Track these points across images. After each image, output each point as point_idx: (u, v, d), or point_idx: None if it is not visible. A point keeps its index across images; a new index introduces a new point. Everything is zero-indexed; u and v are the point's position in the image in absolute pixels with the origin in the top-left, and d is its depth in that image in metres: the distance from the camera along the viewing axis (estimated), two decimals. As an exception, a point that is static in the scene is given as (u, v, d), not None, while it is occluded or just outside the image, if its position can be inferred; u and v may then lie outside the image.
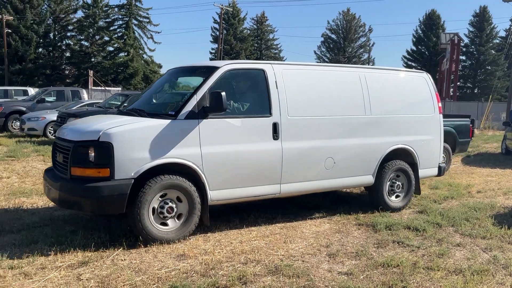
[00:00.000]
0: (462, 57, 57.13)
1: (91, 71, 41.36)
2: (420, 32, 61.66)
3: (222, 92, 5.36)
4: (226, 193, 5.78)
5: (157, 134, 5.28)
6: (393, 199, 7.31)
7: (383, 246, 5.57)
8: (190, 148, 5.45)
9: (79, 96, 21.24)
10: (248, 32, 63.41)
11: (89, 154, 5.10)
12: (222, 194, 5.74)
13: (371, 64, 60.07)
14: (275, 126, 6.01)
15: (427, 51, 60.47)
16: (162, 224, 5.44)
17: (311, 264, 4.94)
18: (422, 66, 58.62)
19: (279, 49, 66.93)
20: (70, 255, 4.97)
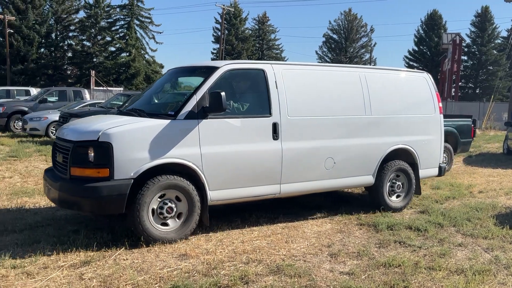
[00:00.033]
0: (464, 57, 57.04)
1: (93, 71, 41.36)
2: (422, 32, 61.56)
3: (221, 92, 5.36)
4: (226, 193, 5.77)
5: (156, 134, 5.28)
6: (393, 199, 7.31)
7: (385, 246, 5.58)
8: (190, 148, 5.45)
9: (81, 96, 21.29)
10: (250, 32, 63.37)
11: (88, 154, 5.10)
12: (222, 194, 5.74)
13: (372, 64, 60.06)
14: (275, 126, 6.01)
15: (429, 51, 60.39)
16: (163, 224, 5.44)
17: (312, 264, 4.95)
18: (423, 66, 58.53)
19: (281, 49, 66.94)
20: (73, 254, 4.99)
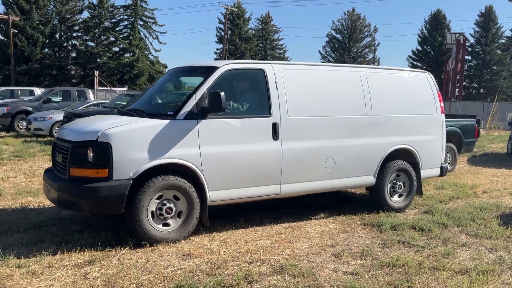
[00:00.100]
0: (468, 57, 56.90)
1: (97, 72, 41.46)
2: (426, 32, 61.44)
3: (221, 92, 5.35)
4: (226, 193, 5.76)
5: (156, 135, 5.26)
6: (394, 200, 7.27)
7: (389, 246, 5.57)
8: (189, 148, 5.43)
9: (85, 96, 21.34)
10: (253, 32, 63.38)
11: (87, 154, 5.09)
12: (222, 195, 5.72)
13: (376, 64, 59.93)
14: (274, 126, 5.99)
15: (433, 51, 60.26)
16: (164, 225, 5.44)
17: (316, 264, 4.95)
18: (427, 66, 58.44)
19: (284, 49, 66.90)
20: (77, 254, 5.01)
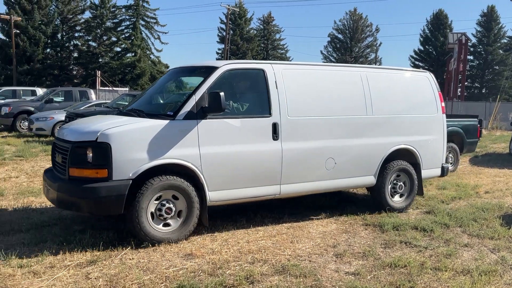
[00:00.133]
0: (470, 57, 56.82)
1: (99, 72, 41.57)
2: (428, 31, 61.39)
3: (220, 93, 5.34)
4: (225, 194, 5.74)
5: (155, 135, 5.25)
6: (395, 200, 7.24)
7: (391, 246, 5.57)
8: (189, 148, 5.42)
9: (87, 97, 21.37)
10: (255, 32, 63.41)
11: (87, 154, 5.09)
12: (221, 195, 5.71)
13: (378, 64, 59.91)
14: (274, 127, 5.97)
15: (435, 51, 60.19)
16: (165, 225, 5.43)
17: (318, 264, 4.94)
18: (429, 66, 58.37)
19: (286, 49, 66.96)
20: (79, 254, 5.01)
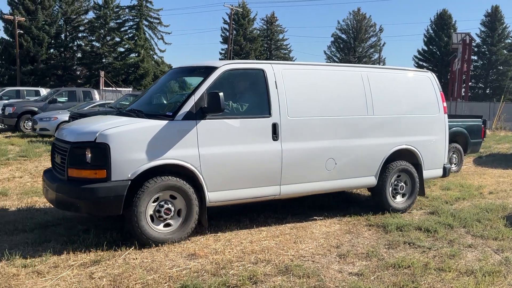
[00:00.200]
0: (474, 57, 56.70)
1: (102, 72, 41.66)
2: (431, 32, 61.28)
3: (220, 93, 5.32)
4: (225, 194, 5.72)
5: (154, 135, 5.24)
6: (396, 201, 7.21)
7: (394, 247, 5.55)
8: (188, 149, 5.40)
9: (91, 97, 21.40)
10: (258, 32, 63.44)
11: (86, 155, 5.07)
12: (221, 196, 5.69)
13: (381, 64, 59.82)
14: (274, 127, 5.95)
15: (439, 51, 60.09)
16: (165, 225, 5.43)
17: (321, 264, 4.94)
18: (433, 66, 58.28)
19: (289, 49, 66.97)
20: (83, 254, 5.02)
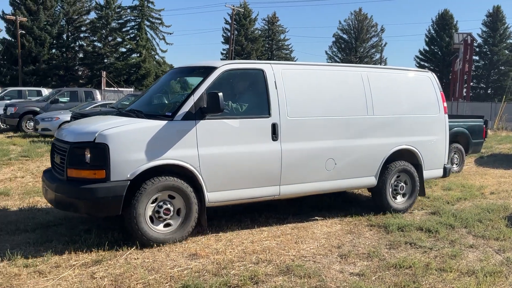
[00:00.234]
0: (476, 57, 56.62)
1: (104, 72, 41.68)
2: (433, 32, 61.21)
3: (219, 93, 5.32)
4: (224, 194, 5.71)
5: (153, 135, 5.23)
6: (396, 201, 7.19)
7: (395, 247, 5.55)
8: (187, 149, 5.40)
9: (92, 97, 21.42)
10: (259, 32, 63.42)
11: (85, 155, 5.07)
12: (220, 196, 5.68)
13: (383, 64, 59.76)
14: (274, 127, 5.94)
15: (440, 51, 60.02)
16: (166, 225, 5.43)
17: (322, 264, 4.94)
18: (435, 66, 58.24)
19: (290, 49, 66.94)
20: (84, 253, 5.03)
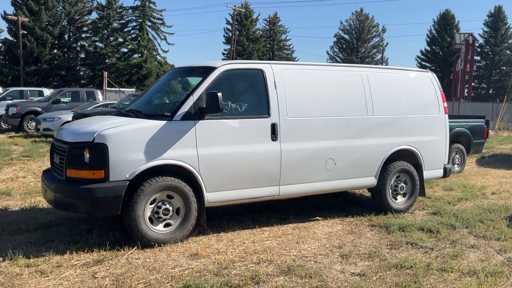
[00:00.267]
0: (477, 57, 56.54)
1: (106, 72, 41.65)
2: (434, 32, 61.15)
3: (218, 93, 5.32)
4: (224, 195, 5.71)
5: (152, 136, 5.23)
6: (396, 201, 7.18)
7: (396, 247, 5.55)
8: (187, 149, 5.40)
9: (94, 97, 21.45)
10: (261, 33, 63.38)
11: (84, 155, 5.07)
12: (219, 196, 5.68)
13: (384, 64, 59.73)
14: (273, 127, 5.94)
15: (442, 52, 59.94)
16: (166, 225, 5.44)
17: (323, 264, 4.94)
18: (436, 67, 58.18)
19: (292, 49, 66.89)
20: (86, 253, 5.04)
